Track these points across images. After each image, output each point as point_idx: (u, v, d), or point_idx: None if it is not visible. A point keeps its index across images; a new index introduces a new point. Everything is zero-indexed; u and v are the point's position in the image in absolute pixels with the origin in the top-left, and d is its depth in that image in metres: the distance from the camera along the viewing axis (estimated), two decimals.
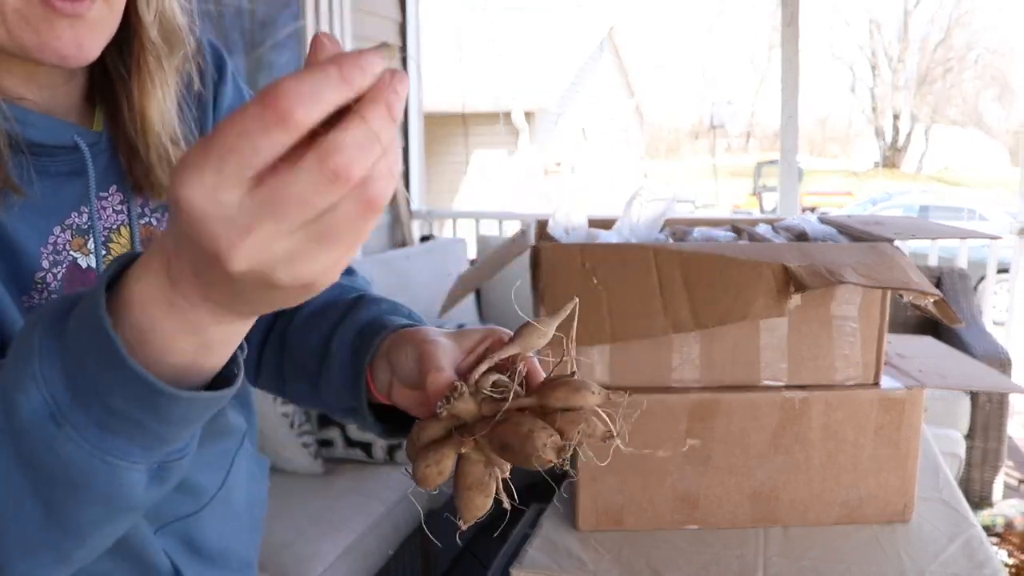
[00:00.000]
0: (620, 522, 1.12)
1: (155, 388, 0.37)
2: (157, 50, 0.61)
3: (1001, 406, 2.56)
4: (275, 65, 3.18)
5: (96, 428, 0.38)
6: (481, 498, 0.47)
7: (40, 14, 0.51)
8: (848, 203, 14.61)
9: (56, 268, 0.59)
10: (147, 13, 0.60)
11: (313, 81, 0.31)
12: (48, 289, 0.58)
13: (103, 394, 0.37)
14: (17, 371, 0.38)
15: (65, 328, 0.38)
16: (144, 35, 0.60)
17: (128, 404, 0.37)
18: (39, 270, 0.58)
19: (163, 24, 0.62)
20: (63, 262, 0.59)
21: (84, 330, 0.37)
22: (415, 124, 3.91)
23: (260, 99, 0.31)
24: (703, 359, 1.10)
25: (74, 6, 0.51)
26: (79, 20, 0.52)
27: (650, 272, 1.04)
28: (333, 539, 1.74)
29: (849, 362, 1.09)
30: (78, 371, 0.37)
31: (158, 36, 0.61)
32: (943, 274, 3.08)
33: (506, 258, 1.15)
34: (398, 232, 3.86)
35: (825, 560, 1.05)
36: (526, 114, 10.37)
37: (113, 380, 0.37)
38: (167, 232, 0.36)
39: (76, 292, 0.41)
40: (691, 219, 1.37)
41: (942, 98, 28.99)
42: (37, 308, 0.50)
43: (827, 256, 1.02)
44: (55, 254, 0.59)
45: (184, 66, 0.66)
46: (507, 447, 0.43)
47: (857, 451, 1.10)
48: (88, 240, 0.61)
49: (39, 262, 0.58)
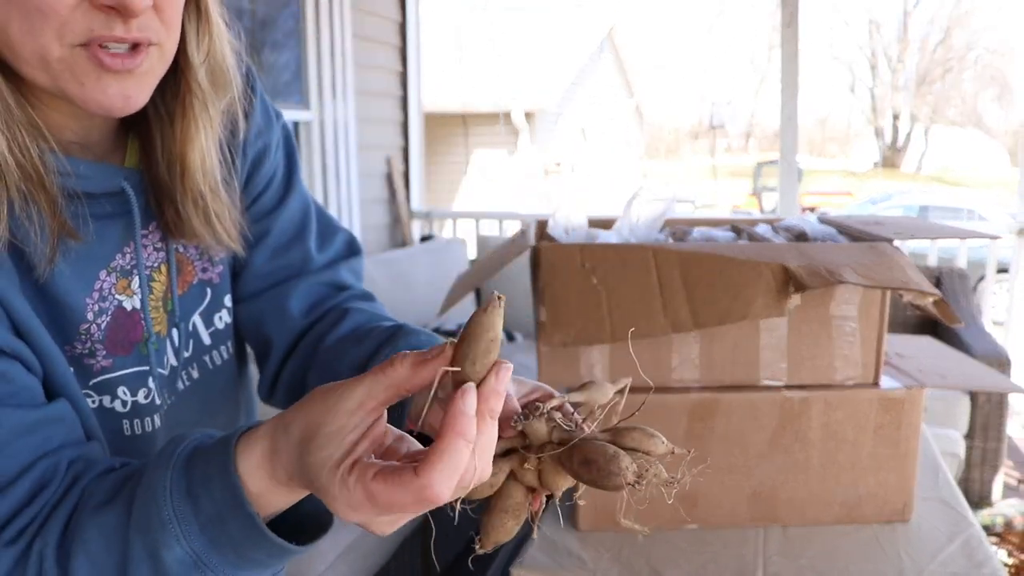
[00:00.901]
0: (620, 522, 1.12)
1: (287, 549, 0.47)
2: (204, 94, 0.59)
3: (1000, 406, 2.57)
4: (275, 65, 3.19)
5: (232, 568, 0.47)
6: (512, 523, 0.50)
7: (86, 67, 0.49)
8: (848, 203, 14.61)
9: (101, 318, 0.59)
10: (196, 55, 0.58)
11: (452, 466, 0.40)
12: (92, 339, 0.59)
13: (242, 549, 0.47)
14: (160, 531, 0.46)
15: (197, 492, 0.46)
16: (191, 77, 0.58)
17: (263, 556, 0.47)
18: (84, 322, 0.58)
19: (211, 66, 0.59)
20: (108, 309, 0.60)
21: (224, 504, 0.45)
22: (415, 124, 3.91)
23: (417, 493, 0.39)
24: (703, 359, 1.10)
25: (124, 62, 0.50)
26: (129, 75, 0.51)
27: (650, 272, 1.04)
28: (333, 539, 1.74)
29: (849, 362, 1.10)
30: (216, 529, 0.46)
31: (206, 78, 0.59)
32: (942, 274, 3.08)
33: (506, 258, 1.15)
34: (398, 232, 3.86)
35: (824, 559, 1.05)
36: (526, 114, 10.37)
37: (253, 544, 0.46)
38: (282, 447, 0.44)
39: (187, 444, 0.48)
40: (691, 219, 1.37)
41: (942, 98, 28.99)
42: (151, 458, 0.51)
43: (827, 256, 1.02)
44: (101, 302, 0.59)
45: (231, 108, 0.63)
46: (591, 463, 0.46)
47: (856, 451, 1.10)
48: (132, 281, 0.61)
49: (84, 314, 0.58)
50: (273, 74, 3.19)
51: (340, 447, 0.41)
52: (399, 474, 0.40)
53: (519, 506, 0.49)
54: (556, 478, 0.49)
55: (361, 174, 3.48)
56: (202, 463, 0.46)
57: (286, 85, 3.21)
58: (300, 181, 0.75)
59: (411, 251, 3.31)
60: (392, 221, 3.84)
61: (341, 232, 0.78)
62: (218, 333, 0.70)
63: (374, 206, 3.69)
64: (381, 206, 3.76)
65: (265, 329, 0.72)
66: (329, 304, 0.73)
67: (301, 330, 0.72)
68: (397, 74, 3.82)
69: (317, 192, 3.21)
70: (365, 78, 3.48)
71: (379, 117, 3.69)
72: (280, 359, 0.73)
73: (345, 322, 0.71)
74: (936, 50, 28.63)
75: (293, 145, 0.75)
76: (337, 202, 3.30)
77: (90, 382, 0.60)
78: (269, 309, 0.72)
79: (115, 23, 0.48)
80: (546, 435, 0.49)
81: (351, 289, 0.76)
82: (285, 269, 0.72)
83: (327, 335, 0.70)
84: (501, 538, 0.50)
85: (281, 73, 3.20)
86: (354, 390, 0.41)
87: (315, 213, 0.76)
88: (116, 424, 0.62)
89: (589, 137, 12.96)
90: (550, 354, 1.08)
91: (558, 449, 0.48)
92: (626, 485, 0.46)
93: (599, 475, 0.46)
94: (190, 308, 0.67)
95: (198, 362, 0.69)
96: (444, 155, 10.11)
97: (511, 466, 0.49)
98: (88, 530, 0.47)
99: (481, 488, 0.49)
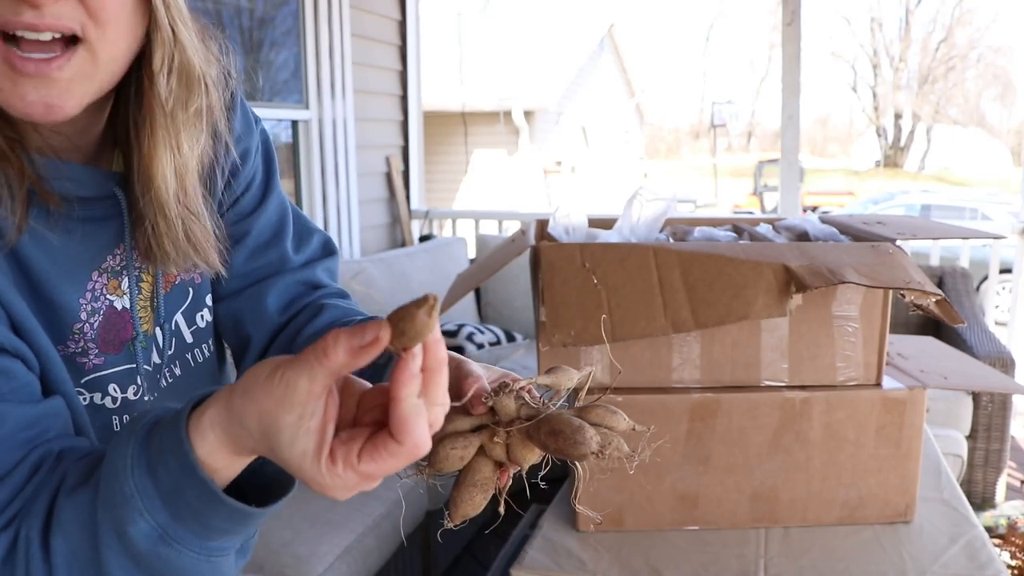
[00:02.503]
0: (620, 522, 1.11)
1: (248, 512, 0.47)
2: (168, 105, 0.55)
3: (1004, 407, 2.56)
4: (274, 64, 3.18)
5: (198, 539, 0.47)
6: (480, 497, 0.52)
7: (3, 71, 0.47)
8: (849, 203, 14.59)
9: (94, 317, 0.61)
10: (156, 62, 0.54)
11: (420, 419, 0.42)
12: (85, 338, 0.60)
13: (203, 517, 0.46)
14: (123, 507, 0.46)
15: (155, 466, 0.46)
16: (153, 87, 0.54)
17: (225, 522, 0.47)
18: (78, 321, 0.60)
19: (178, 75, 0.55)
20: (100, 309, 0.61)
21: (179, 473, 0.45)
22: (415, 123, 3.90)
23: (408, 455, 0.42)
24: (703, 359, 1.09)
25: (38, 66, 0.47)
26: (46, 79, 0.48)
27: (650, 272, 1.04)
28: (333, 539, 1.73)
29: (850, 362, 1.09)
30: (176, 501, 0.46)
31: (169, 88, 0.55)
32: (945, 274, 3.07)
33: (506, 258, 1.14)
34: (397, 232, 3.86)
35: (825, 560, 1.04)
36: (526, 114, 10.36)
37: (213, 511, 0.46)
38: (233, 414, 0.44)
39: (146, 420, 0.48)
40: (691, 219, 1.36)
41: (944, 97, 28.97)
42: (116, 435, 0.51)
43: (828, 256, 1.02)
44: (93, 302, 0.61)
45: (210, 118, 0.60)
46: (558, 433, 0.49)
47: (858, 451, 1.10)
48: (122, 281, 0.62)
49: (78, 314, 0.60)
50: (271, 73, 3.18)
51: (309, 438, 0.42)
52: (383, 446, 0.42)
53: (487, 480, 0.52)
54: (524, 452, 0.51)
55: (360, 173, 3.48)
56: (158, 437, 0.46)
57: (284, 84, 3.20)
58: (278, 185, 0.77)
59: (410, 251, 3.30)
60: (391, 221, 3.83)
61: (317, 234, 0.80)
62: (199, 332, 0.72)
63: (373, 206, 3.68)
64: (380, 206, 3.76)
65: (243, 327, 0.74)
66: (304, 301, 0.75)
67: (277, 327, 0.74)
68: (397, 73, 3.81)
69: (316, 192, 3.21)
70: (364, 77, 3.47)
71: (378, 116, 3.68)
72: (257, 356, 0.75)
73: (321, 317, 0.72)
74: (938, 49, 28.60)
75: (271, 150, 0.76)
76: (336, 202, 3.29)
77: (82, 380, 0.61)
78: (247, 307, 0.73)
79: (22, 8, 0.45)
80: (515, 411, 0.52)
81: (327, 288, 0.78)
82: (263, 269, 0.74)
83: (304, 329, 0.72)
84: (469, 512, 0.52)
85: (279, 72, 3.20)
86: (297, 381, 0.41)
87: (292, 215, 0.78)
88: (106, 420, 0.64)
89: (589, 137, 12.95)
90: (550, 354, 1.08)
91: (527, 424, 0.50)
92: (590, 454, 0.48)
93: (566, 444, 0.48)
94: (173, 307, 0.69)
95: (180, 360, 0.70)
96: (444, 155, 10.10)
97: (481, 440, 0.52)
98: (65, 511, 0.48)
99: (452, 461, 0.51)
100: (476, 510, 0.52)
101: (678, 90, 40.82)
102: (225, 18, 2.85)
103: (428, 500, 2.10)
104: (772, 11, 30.25)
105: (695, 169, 26.24)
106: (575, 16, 12.63)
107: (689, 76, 42.41)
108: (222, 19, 2.79)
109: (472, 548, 2.41)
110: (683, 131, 35.29)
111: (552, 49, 11.62)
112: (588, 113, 12.91)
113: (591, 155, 12.95)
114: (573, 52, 12.01)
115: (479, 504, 0.52)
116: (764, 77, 34.54)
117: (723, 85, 38.67)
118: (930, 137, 28.48)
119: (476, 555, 2.38)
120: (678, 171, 26.48)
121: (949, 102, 29.20)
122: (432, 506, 2.10)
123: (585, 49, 12.31)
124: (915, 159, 28.41)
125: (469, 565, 2.34)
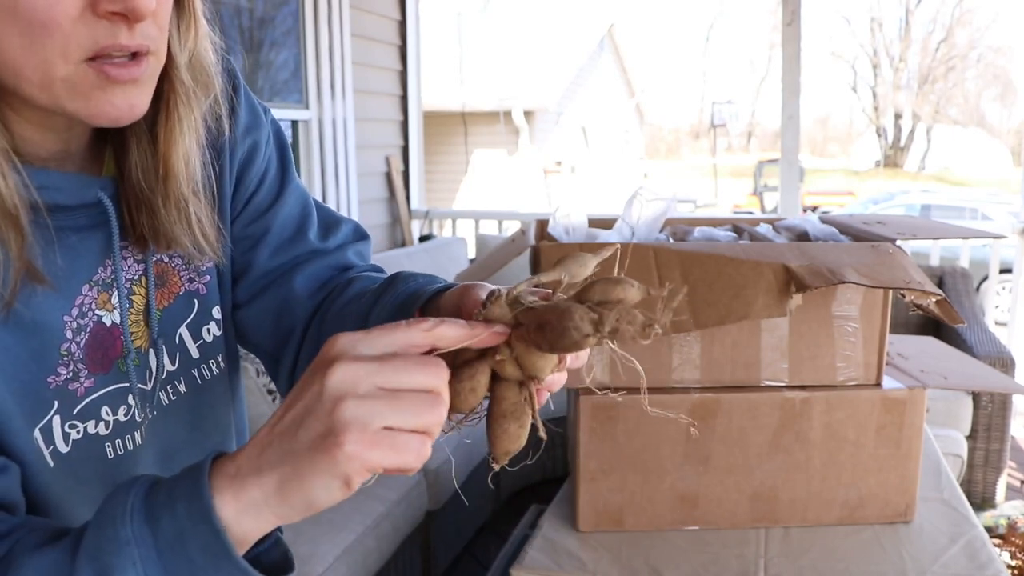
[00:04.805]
0: (620, 522, 1.11)
1: (249, 573, 0.44)
2: (188, 93, 0.57)
3: (1004, 407, 2.55)
4: (273, 64, 3.18)
5: None
6: (515, 427, 0.46)
7: (93, 82, 0.48)
8: (849, 202, 14.59)
9: (80, 335, 0.57)
10: (180, 53, 0.56)
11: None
12: (74, 359, 0.57)
13: (198, 572, 0.44)
14: (115, 555, 0.43)
15: (157, 515, 0.44)
16: (176, 77, 0.56)
17: None
18: (63, 341, 0.56)
19: (194, 65, 0.57)
20: (87, 326, 0.58)
21: (187, 520, 0.43)
22: (415, 123, 3.90)
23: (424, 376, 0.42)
24: (704, 359, 1.09)
25: (130, 71, 0.49)
26: (135, 84, 0.50)
27: (650, 272, 1.04)
28: (333, 539, 1.73)
29: (850, 362, 1.09)
30: (173, 555, 0.43)
31: (189, 77, 0.57)
32: (945, 274, 3.07)
33: (506, 258, 1.14)
34: (398, 232, 3.86)
35: (825, 560, 1.04)
36: (526, 114, 10.36)
37: (214, 568, 0.43)
38: (250, 463, 0.43)
39: (144, 481, 0.46)
40: (691, 219, 1.36)
41: (944, 97, 28.96)
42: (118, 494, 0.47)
43: (828, 256, 1.02)
44: (80, 318, 0.57)
45: (214, 108, 0.61)
46: (544, 325, 0.42)
47: (858, 451, 1.10)
48: (112, 295, 0.59)
49: (63, 333, 0.56)
50: (271, 73, 3.18)
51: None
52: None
53: (515, 407, 0.46)
54: (533, 359, 0.45)
55: (360, 173, 3.48)
56: (166, 489, 0.45)
57: (284, 84, 3.20)
58: (295, 176, 0.73)
59: (410, 251, 3.30)
60: (391, 221, 3.83)
61: (345, 222, 0.76)
62: (207, 346, 0.68)
63: (373, 206, 3.68)
64: (380, 206, 3.76)
65: (280, 321, 0.70)
66: (336, 283, 0.72)
67: (311, 311, 0.70)
68: (397, 73, 3.81)
69: (316, 192, 3.21)
70: (364, 77, 3.47)
71: (378, 116, 3.68)
72: (297, 345, 0.71)
73: (350, 289, 0.69)
74: (938, 49, 28.60)
75: (285, 140, 0.73)
76: (336, 202, 3.29)
77: (75, 410, 0.58)
78: (276, 300, 0.70)
79: (120, 30, 0.47)
80: (509, 318, 0.45)
81: (358, 267, 0.75)
82: (289, 264, 0.71)
83: (335, 304, 0.68)
84: (510, 447, 0.46)
85: (279, 72, 3.20)
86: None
87: (316, 207, 0.75)
88: (99, 449, 0.60)
89: (589, 137, 12.95)
90: None
91: (520, 328, 0.43)
92: (584, 339, 0.41)
93: (553, 336, 0.42)
94: (176, 320, 0.65)
95: (186, 376, 0.67)
96: (444, 154, 10.10)
97: (488, 364, 0.46)
98: (26, 569, 0.45)
99: (466, 396, 0.45)
100: (516, 443, 0.46)
101: (678, 90, 40.86)
102: (225, 18, 2.85)
103: (428, 500, 2.10)
104: (772, 11, 30.26)
105: (695, 169, 26.24)
106: (575, 16, 12.63)
107: (689, 76, 42.44)
108: (222, 19, 2.79)
109: (472, 548, 2.41)
110: (683, 131, 35.30)
111: (552, 49, 11.62)
112: (588, 113, 12.91)
113: (591, 155, 12.94)
114: (573, 52, 12.01)
115: (516, 435, 0.46)
116: (764, 77, 34.57)
117: (723, 85, 38.71)
118: (930, 137, 28.47)
119: (476, 555, 2.38)
120: (678, 171, 26.48)
121: (949, 102, 29.20)
122: (432, 506, 2.10)
123: (585, 49, 12.31)
124: (915, 159, 28.41)
125: (469, 565, 2.34)
